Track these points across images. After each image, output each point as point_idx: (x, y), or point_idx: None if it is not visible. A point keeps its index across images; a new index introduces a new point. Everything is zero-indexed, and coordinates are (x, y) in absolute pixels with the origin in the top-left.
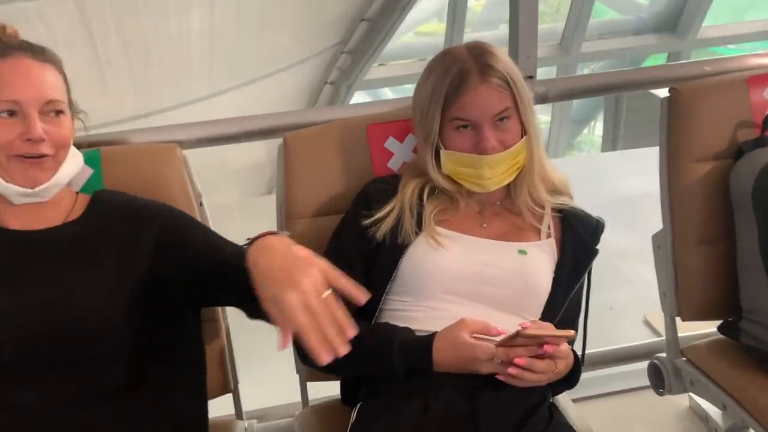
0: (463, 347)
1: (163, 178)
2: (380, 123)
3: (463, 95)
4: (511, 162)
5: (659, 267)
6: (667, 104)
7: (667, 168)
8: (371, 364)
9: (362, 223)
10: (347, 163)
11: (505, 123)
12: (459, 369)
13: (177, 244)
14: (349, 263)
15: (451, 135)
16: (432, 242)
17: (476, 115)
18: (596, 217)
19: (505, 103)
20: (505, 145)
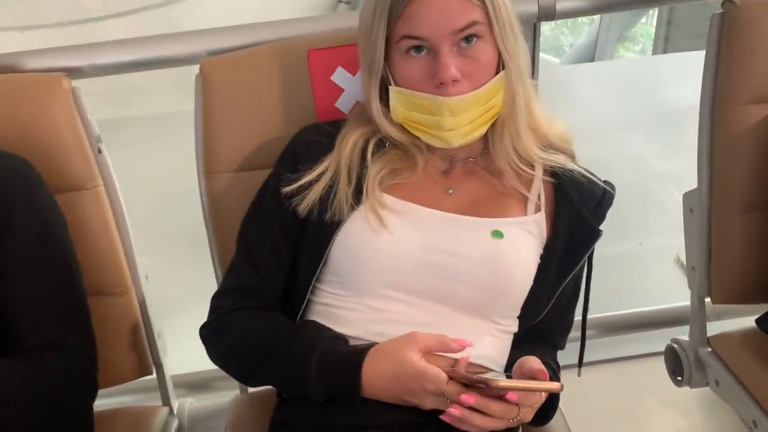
0: (408, 373)
1: (45, 118)
2: (326, 48)
3: (411, 2)
4: (482, 107)
5: (689, 235)
6: (719, 23)
7: (710, 109)
8: (285, 380)
9: (283, 191)
10: (283, 101)
11: (472, 46)
12: (396, 400)
13: None
14: (271, 246)
15: (399, 62)
16: (373, 219)
17: (430, 29)
18: (603, 184)
19: (472, 15)
20: (473, 79)
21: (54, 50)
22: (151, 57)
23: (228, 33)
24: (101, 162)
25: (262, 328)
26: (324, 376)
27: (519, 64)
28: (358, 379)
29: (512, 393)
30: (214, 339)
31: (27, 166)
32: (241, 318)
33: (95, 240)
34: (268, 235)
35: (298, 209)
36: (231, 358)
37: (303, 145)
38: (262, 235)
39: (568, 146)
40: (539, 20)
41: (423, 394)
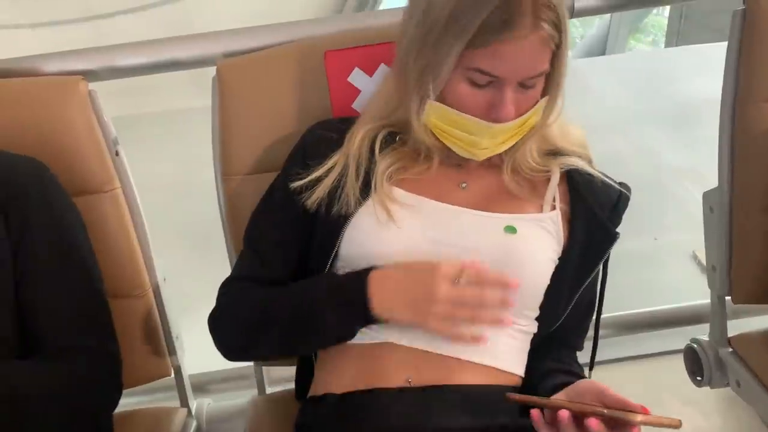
0: (420, 266)
1: (62, 122)
2: (343, 49)
3: (504, 44)
4: (518, 130)
5: (709, 234)
6: (741, 18)
7: (732, 107)
8: (295, 316)
9: (292, 186)
10: (299, 103)
11: (532, 89)
12: (408, 310)
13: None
14: (278, 240)
15: (460, 87)
16: (381, 212)
17: (508, 72)
18: (619, 187)
19: (545, 65)
20: (520, 112)
21: (71, 53)
22: (167, 59)
23: (244, 34)
24: (119, 164)
25: (262, 290)
26: (333, 294)
27: (560, 92)
28: (364, 285)
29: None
30: (219, 320)
31: (44, 169)
32: (244, 292)
33: (113, 242)
34: (276, 228)
35: (307, 204)
36: (234, 321)
37: (312, 142)
38: (270, 229)
39: (585, 151)
40: None
41: (436, 286)
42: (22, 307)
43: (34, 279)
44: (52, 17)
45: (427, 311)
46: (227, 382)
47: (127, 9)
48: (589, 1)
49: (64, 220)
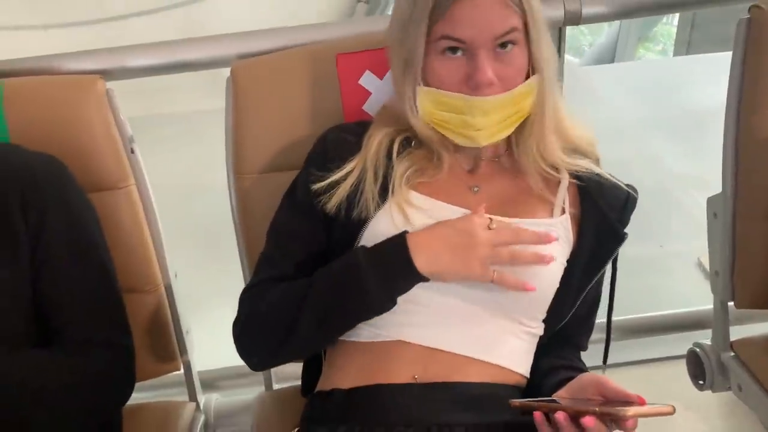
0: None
1: (80, 120)
2: (354, 52)
3: (457, 3)
4: (512, 108)
5: (713, 240)
6: (746, 28)
7: (736, 114)
8: (336, 293)
9: (313, 188)
10: (311, 104)
11: (508, 52)
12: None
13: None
14: (303, 240)
15: (434, 62)
16: (397, 216)
17: (471, 33)
18: (626, 188)
19: (512, 22)
20: (505, 83)
21: (88, 53)
22: (183, 60)
23: (257, 37)
24: (134, 162)
25: (293, 282)
26: (371, 255)
27: (549, 70)
28: (404, 240)
29: (632, 420)
30: (246, 324)
31: (61, 166)
32: (268, 289)
33: (127, 238)
34: (300, 229)
35: (327, 207)
36: (270, 317)
37: (332, 144)
38: (294, 229)
39: (593, 150)
40: (565, 24)
41: (475, 231)
42: (39, 301)
43: (51, 274)
44: (64, 19)
45: (471, 257)
46: (235, 378)
47: (140, 11)
48: (595, 8)
49: (80, 216)
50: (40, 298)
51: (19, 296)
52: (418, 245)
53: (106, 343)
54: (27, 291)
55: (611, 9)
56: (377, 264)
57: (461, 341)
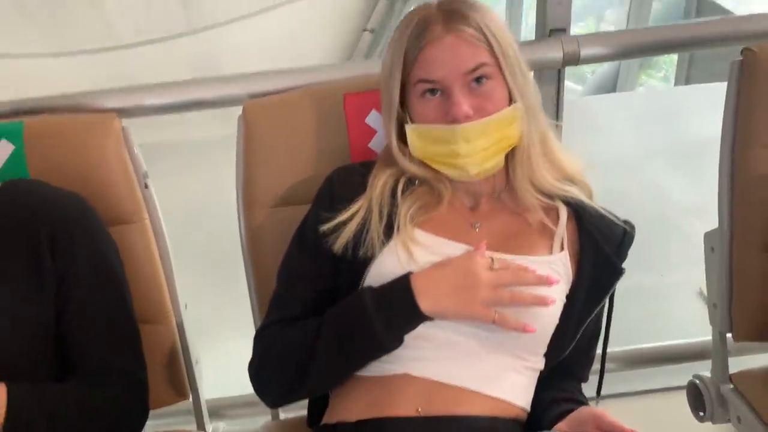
0: (457, 258)
1: (97, 157)
2: (361, 92)
3: (424, 49)
4: (496, 135)
5: (711, 273)
6: (738, 69)
7: (731, 151)
8: (344, 336)
9: (321, 229)
10: (319, 142)
11: (483, 85)
12: (455, 299)
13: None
14: (313, 280)
15: (416, 104)
16: (402, 253)
17: (442, 73)
18: (623, 224)
19: (480, 58)
20: (485, 114)
21: (105, 92)
22: (196, 99)
23: (269, 77)
24: (147, 196)
25: (301, 323)
26: (377, 297)
27: (529, 99)
28: (408, 283)
29: None
30: (261, 364)
31: (85, 203)
32: (282, 330)
33: (140, 270)
34: (309, 269)
35: (334, 247)
36: (283, 360)
37: (339, 186)
38: (304, 270)
39: (582, 178)
40: (564, 65)
41: (477, 272)
42: (62, 332)
43: (75, 306)
44: (74, 47)
45: (473, 298)
46: (242, 407)
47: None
48: (593, 50)
49: (104, 251)
50: (62, 328)
51: (45, 327)
52: (422, 287)
53: (123, 373)
54: (51, 322)
55: (609, 50)
56: (384, 308)
57: (464, 375)
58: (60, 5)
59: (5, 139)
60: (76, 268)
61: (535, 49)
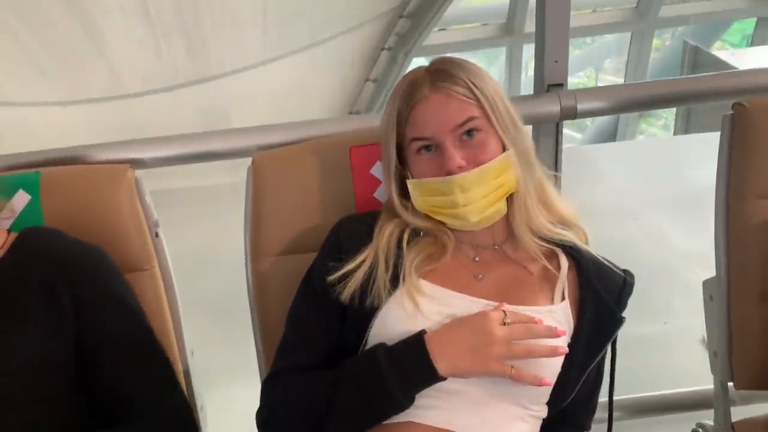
0: (469, 317)
1: (110, 206)
2: (366, 145)
3: (414, 108)
4: (492, 183)
5: (710, 321)
6: (730, 123)
7: (725, 203)
8: (359, 395)
9: (328, 279)
10: (326, 192)
11: (474, 138)
12: (469, 358)
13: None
14: (320, 328)
15: (413, 161)
16: (408, 303)
17: (432, 130)
18: (622, 273)
19: (468, 113)
20: (479, 163)
21: (119, 144)
22: (207, 150)
23: (278, 130)
24: (157, 245)
25: (312, 375)
26: (393, 360)
27: (522, 148)
28: (424, 345)
29: None
30: (272, 413)
31: (103, 254)
32: (293, 380)
33: (149, 317)
34: (316, 318)
35: (341, 296)
36: (296, 412)
37: (345, 236)
38: (312, 318)
39: (578, 223)
40: (562, 119)
41: (492, 330)
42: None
43: (105, 349)
44: (82, 95)
45: (489, 356)
46: None
47: (156, 89)
48: (590, 104)
49: (122, 293)
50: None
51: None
52: (438, 350)
53: (163, 404)
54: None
55: (605, 104)
56: (400, 370)
57: (468, 423)
58: (70, 56)
59: (22, 189)
60: (100, 318)
61: (534, 103)
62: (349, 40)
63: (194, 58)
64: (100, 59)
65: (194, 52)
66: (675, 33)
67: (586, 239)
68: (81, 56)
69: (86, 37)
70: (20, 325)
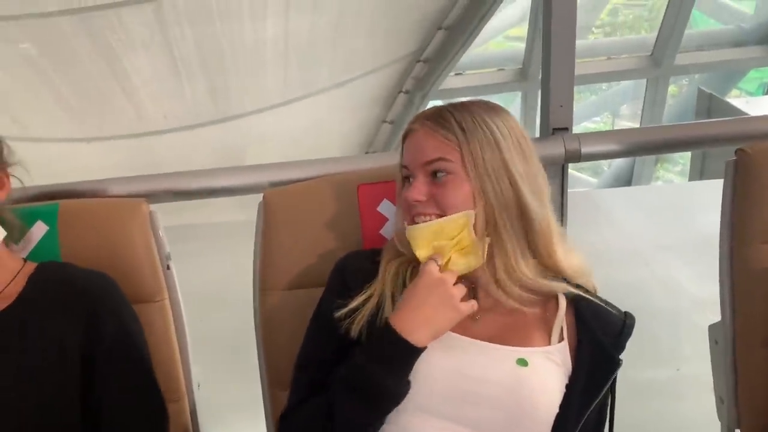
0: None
1: (124, 239)
2: (373, 183)
3: (405, 140)
4: (443, 238)
5: (716, 366)
6: (733, 169)
7: (730, 248)
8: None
9: (336, 315)
10: (334, 228)
11: (443, 179)
12: (444, 323)
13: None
14: (330, 364)
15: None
16: None
17: (408, 159)
18: (622, 315)
19: (442, 153)
20: (441, 206)
21: (135, 178)
22: (221, 186)
23: (289, 167)
24: (169, 278)
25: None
26: (370, 353)
27: (509, 203)
28: (392, 329)
29: None
30: None
31: (114, 284)
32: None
33: (157, 349)
34: (327, 353)
35: (350, 332)
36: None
37: (350, 273)
38: (320, 357)
39: (587, 276)
40: (566, 162)
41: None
42: (93, 407)
43: (103, 377)
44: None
45: (453, 304)
46: None
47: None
48: (594, 147)
49: (131, 330)
50: (94, 403)
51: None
52: (407, 325)
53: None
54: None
55: (609, 148)
56: (380, 359)
57: None
58: (96, 93)
59: (41, 219)
60: (107, 344)
61: (539, 146)
62: (368, 82)
63: (215, 98)
64: (124, 97)
65: (216, 91)
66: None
67: (594, 290)
68: (109, 95)
69: (112, 76)
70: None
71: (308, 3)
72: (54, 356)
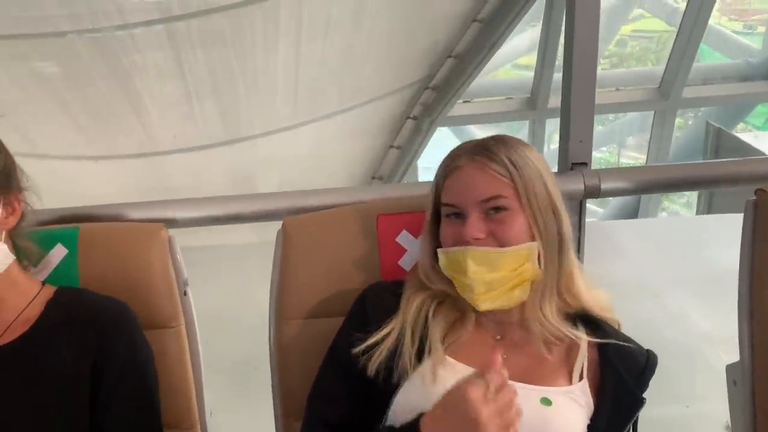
0: (453, 392)
1: (143, 263)
2: (393, 213)
3: (449, 177)
4: (507, 269)
5: (734, 407)
6: (753, 209)
7: (749, 289)
8: None
9: (353, 351)
10: (352, 257)
11: (500, 214)
12: None
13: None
14: (343, 406)
15: (442, 227)
16: (430, 378)
17: (459, 198)
18: (645, 353)
19: (498, 190)
20: (499, 239)
21: (155, 203)
22: (239, 212)
23: (308, 195)
24: (185, 303)
25: None
26: None
27: (555, 234)
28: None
29: None
30: None
31: (128, 310)
32: None
33: (171, 375)
34: (341, 389)
35: (367, 370)
36: None
37: (371, 306)
38: (335, 389)
39: (610, 315)
40: (585, 198)
41: (478, 415)
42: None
43: (107, 404)
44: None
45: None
46: None
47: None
48: (613, 184)
49: (142, 361)
50: (96, 423)
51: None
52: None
53: None
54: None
55: (628, 185)
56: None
57: None
58: (109, 113)
59: (60, 243)
60: (114, 371)
61: (558, 181)
62: (377, 108)
63: (225, 120)
64: (134, 118)
65: (225, 113)
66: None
67: (619, 327)
68: (121, 115)
69: (124, 96)
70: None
71: (319, 31)
72: (67, 387)
